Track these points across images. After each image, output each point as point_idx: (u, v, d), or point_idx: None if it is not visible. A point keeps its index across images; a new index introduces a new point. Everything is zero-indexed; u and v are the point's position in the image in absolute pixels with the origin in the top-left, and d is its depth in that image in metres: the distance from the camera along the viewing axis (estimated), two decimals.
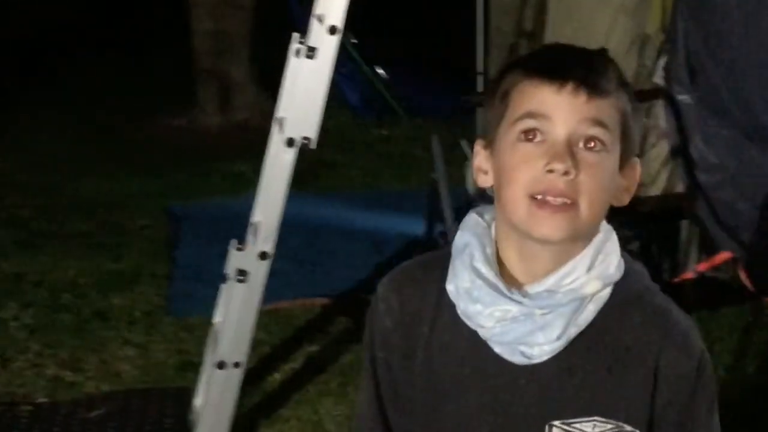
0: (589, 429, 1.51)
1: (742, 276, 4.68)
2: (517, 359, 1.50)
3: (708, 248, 4.69)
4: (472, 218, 1.60)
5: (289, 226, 3.61)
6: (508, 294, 1.50)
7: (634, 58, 4.73)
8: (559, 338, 1.49)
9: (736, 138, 4.16)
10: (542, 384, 1.51)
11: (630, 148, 1.52)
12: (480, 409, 1.54)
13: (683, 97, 4.27)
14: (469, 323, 1.52)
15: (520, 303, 1.49)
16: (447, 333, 1.55)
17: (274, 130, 3.66)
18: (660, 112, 4.66)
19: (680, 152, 4.38)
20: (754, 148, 4.01)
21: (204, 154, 7.27)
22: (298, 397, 4.06)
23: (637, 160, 1.54)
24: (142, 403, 4.02)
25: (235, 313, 3.54)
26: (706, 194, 4.37)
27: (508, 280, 1.52)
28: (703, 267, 4.73)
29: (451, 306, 1.55)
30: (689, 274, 4.74)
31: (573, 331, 1.49)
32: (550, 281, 1.50)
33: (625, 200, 1.53)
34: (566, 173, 1.44)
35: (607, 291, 1.51)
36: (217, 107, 7.90)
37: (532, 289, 1.50)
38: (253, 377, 4.01)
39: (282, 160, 3.47)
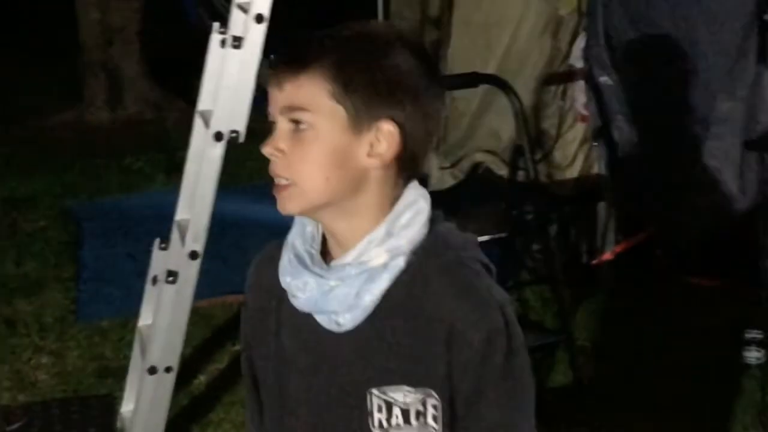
0: (400, 397, 1.58)
1: (659, 254, 4.73)
2: (333, 327, 1.60)
3: (625, 229, 4.72)
4: None
5: None
6: (310, 267, 1.60)
7: (548, 40, 4.73)
8: (353, 307, 1.57)
9: (658, 118, 4.18)
10: (359, 352, 1.60)
11: (364, 112, 1.54)
12: (313, 375, 1.64)
13: (604, 78, 4.28)
14: (289, 297, 1.63)
15: (318, 275, 1.59)
16: (288, 307, 1.64)
17: (197, 123, 3.53)
18: (576, 94, 4.66)
19: (601, 133, 4.39)
20: (678, 129, 4.04)
21: (96, 151, 7.05)
22: (228, 399, 3.96)
23: (387, 122, 1.55)
24: (64, 413, 3.85)
25: (166, 315, 3.41)
26: (626, 174, 4.38)
27: (329, 258, 1.62)
28: (620, 248, 4.76)
29: None
30: (607, 255, 4.76)
31: (368, 299, 1.57)
32: (350, 256, 1.59)
33: (377, 163, 1.56)
34: (272, 154, 1.57)
35: (400, 260, 1.57)
36: (106, 102, 7.67)
37: (334, 263, 1.60)
38: (177, 380, 3.86)
39: (210, 155, 3.34)
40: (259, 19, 3.25)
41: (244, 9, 3.43)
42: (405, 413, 1.58)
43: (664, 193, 4.18)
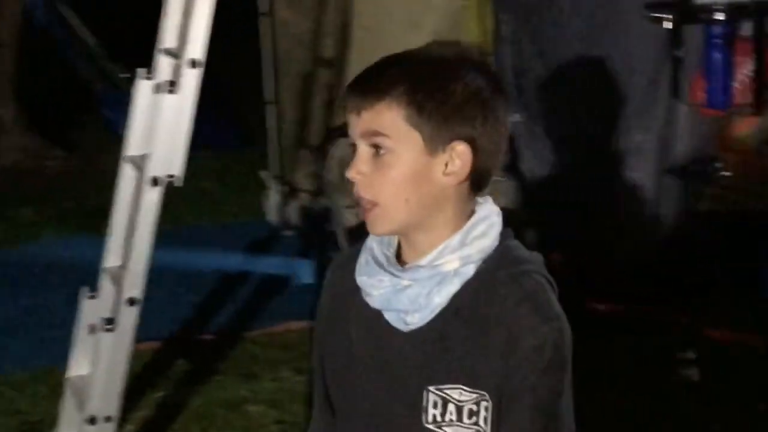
0: (456, 396, 1.67)
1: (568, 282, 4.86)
2: (401, 326, 1.71)
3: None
4: None
5: (94, 271, 3.51)
6: (386, 266, 1.72)
7: None
8: (422, 307, 1.68)
9: (568, 153, 4.33)
10: (422, 350, 1.70)
11: (438, 135, 1.65)
12: (377, 370, 1.74)
13: (512, 116, 4.41)
14: (363, 295, 1.74)
15: (393, 274, 1.71)
16: (358, 305, 1.76)
17: (126, 169, 3.51)
18: None
19: (510, 168, 4.52)
20: (590, 163, 4.19)
21: None
22: None
23: (459, 143, 1.66)
24: None
25: (105, 363, 3.37)
26: (535, 209, 4.52)
27: (403, 261, 1.74)
28: None
29: None
30: None
31: (437, 301, 1.68)
32: (425, 260, 1.71)
33: (454, 181, 1.67)
34: (355, 178, 1.68)
35: (471, 268, 1.69)
36: None
37: (409, 265, 1.72)
38: None
39: (146, 201, 3.33)
40: (193, 64, 3.28)
41: (171, 53, 3.45)
42: (459, 410, 1.67)
43: (577, 224, 4.33)
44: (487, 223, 1.70)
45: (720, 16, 3.25)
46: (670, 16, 3.27)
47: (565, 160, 4.34)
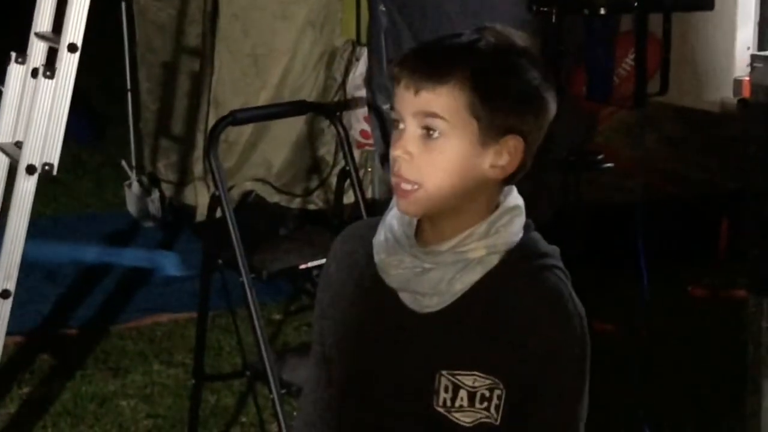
0: (469, 382, 1.66)
1: None
2: (416, 307, 1.68)
3: None
4: None
5: None
6: (407, 247, 1.68)
7: (323, 70, 4.83)
8: (443, 292, 1.66)
9: None
10: (435, 334, 1.68)
11: (494, 126, 1.63)
12: (388, 349, 1.71)
13: (387, 107, 4.42)
14: (380, 272, 1.70)
15: (414, 256, 1.67)
16: (370, 281, 1.72)
17: None
18: (353, 121, 4.79)
19: (386, 159, 4.51)
20: None
21: None
22: None
23: (513, 137, 1.64)
24: None
25: None
26: None
27: (422, 241, 1.70)
28: None
29: None
30: None
31: (458, 287, 1.66)
32: (449, 244, 1.67)
33: (499, 174, 1.65)
34: (401, 157, 1.63)
35: (495, 258, 1.66)
36: None
37: (432, 248, 1.68)
38: None
39: (21, 190, 3.21)
40: (72, 48, 3.18)
41: (46, 38, 3.34)
42: (471, 396, 1.65)
43: None
44: (513, 214, 1.68)
45: (602, 11, 3.32)
46: (554, 9, 3.32)
47: None
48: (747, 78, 2.88)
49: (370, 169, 4.81)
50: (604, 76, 3.59)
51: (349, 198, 5.02)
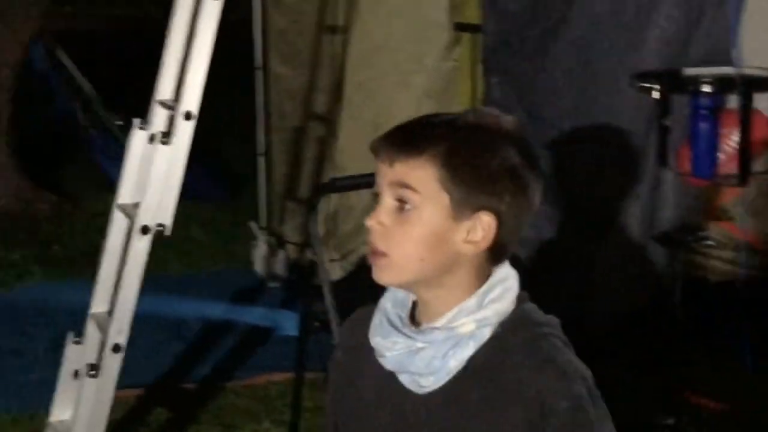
0: None
1: None
2: (415, 388, 1.71)
3: None
4: None
5: (79, 315, 3.53)
6: (400, 328, 1.72)
7: None
8: (437, 370, 1.68)
9: (557, 215, 4.38)
10: (436, 413, 1.70)
11: (466, 201, 1.65)
12: (390, 429, 1.74)
13: None
14: (377, 356, 1.74)
15: (407, 336, 1.70)
16: (374, 366, 1.75)
17: (117, 216, 3.55)
18: None
19: None
20: (578, 225, 4.24)
21: None
22: None
23: (486, 214, 1.65)
24: None
25: (88, 409, 3.38)
26: (523, 269, 4.54)
27: (416, 322, 1.74)
28: None
29: None
30: None
31: (453, 364, 1.68)
32: (440, 321, 1.70)
33: (473, 250, 1.67)
34: (373, 227, 1.68)
35: (487, 331, 1.68)
36: None
37: (423, 327, 1.71)
38: None
39: (136, 249, 3.36)
40: (187, 116, 3.33)
41: (167, 105, 3.50)
42: None
43: (569, 286, 4.36)
44: (504, 286, 1.70)
45: (707, 88, 3.32)
46: (658, 87, 3.34)
47: (556, 224, 4.39)
48: None
49: None
50: (708, 152, 3.57)
51: None
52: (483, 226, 1.65)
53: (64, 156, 7.77)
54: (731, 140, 3.60)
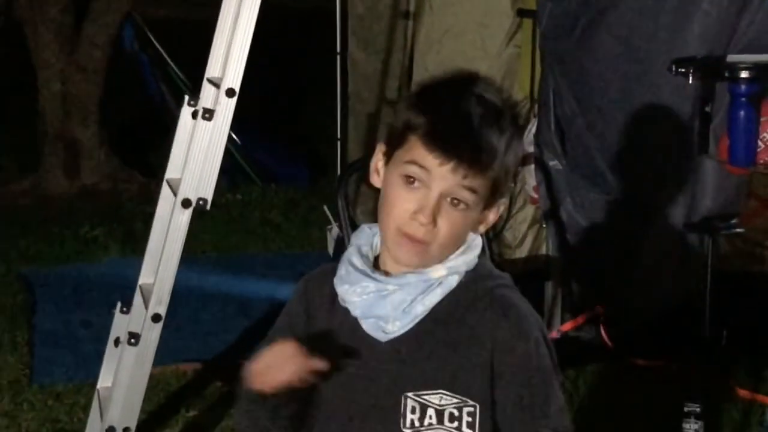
0: (436, 401, 1.77)
1: (603, 335, 4.86)
2: (379, 335, 1.80)
3: (572, 308, 4.86)
4: (362, 227, 1.93)
5: None
6: (370, 274, 1.82)
7: None
8: (405, 312, 1.78)
9: (605, 201, 4.36)
10: (399, 358, 1.79)
11: (499, 195, 1.81)
12: (351, 378, 1.82)
13: (554, 163, 4.46)
14: (343, 304, 1.83)
15: (377, 281, 1.80)
16: (335, 317, 1.85)
17: (164, 190, 3.64)
18: (527, 177, 4.83)
19: (551, 216, 4.55)
20: (624, 212, 4.22)
21: (53, 219, 7.10)
22: None
23: (503, 200, 1.83)
24: None
25: (126, 377, 3.49)
26: (574, 256, 4.54)
27: (383, 271, 1.84)
28: (567, 327, 4.90)
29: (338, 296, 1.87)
30: (554, 334, 4.89)
31: (420, 309, 1.78)
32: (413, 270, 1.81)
33: (482, 228, 1.84)
34: (425, 226, 1.76)
35: (454, 279, 1.79)
36: (63, 171, 7.73)
37: (395, 273, 1.82)
38: None
39: (177, 221, 3.45)
40: (230, 93, 3.40)
41: (214, 83, 3.58)
42: (439, 414, 1.76)
43: (611, 274, 4.34)
44: (473, 242, 1.84)
45: (745, 75, 3.27)
46: (694, 72, 3.30)
47: (603, 210, 4.36)
48: None
49: (545, 226, 4.83)
50: (746, 140, 3.51)
51: (521, 252, 5.08)
52: (499, 209, 1.83)
53: (153, 137, 7.93)
54: None
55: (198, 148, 3.42)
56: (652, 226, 4.16)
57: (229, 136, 8.16)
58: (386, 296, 1.78)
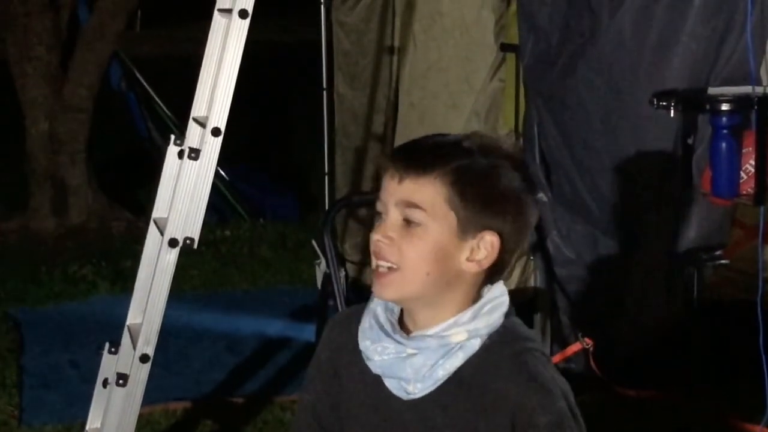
0: None
1: (593, 366, 4.86)
2: (402, 394, 1.75)
3: (561, 340, 4.87)
4: None
5: None
6: (391, 333, 1.76)
7: None
8: (426, 376, 1.73)
9: (591, 233, 4.38)
10: (422, 419, 1.74)
11: (472, 221, 1.70)
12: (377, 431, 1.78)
13: (539, 196, 4.48)
14: (364, 359, 1.79)
15: (398, 342, 1.75)
16: (358, 368, 1.81)
17: (151, 230, 3.64)
18: None
19: (537, 248, 4.57)
20: (610, 243, 4.24)
21: (41, 258, 7.09)
22: None
23: (490, 234, 1.71)
24: None
25: (115, 418, 3.47)
26: (561, 287, 4.56)
27: (405, 330, 1.78)
28: (556, 359, 4.90)
29: None
30: None
31: (441, 374, 1.73)
32: (432, 330, 1.75)
33: (475, 268, 1.72)
34: (381, 240, 1.71)
35: (476, 342, 1.73)
36: (51, 210, 7.73)
37: (415, 334, 1.76)
38: None
39: (164, 261, 3.44)
40: (215, 132, 3.41)
41: (200, 122, 3.59)
42: None
43: (599, 305, 4.36)
44: (496, 302, 1.76)
45: (725, 107, 3.30)
46: (675, 105, 3.33)
47: (589, 242, 4.38)
48: None
49: (532, 258, 4.84)
50: (728, 172, 3.53)
51: (509, 285, 5.08)
52: (486, 246, 1.72)
53: (140, 175, 7.95)
54: (752, 159, 3.56)
55: (184, 188, 3.42)
56: (638, 256, 4.18)
57: (217, 172, 8.19)
58: (405, 359, 1.73)
